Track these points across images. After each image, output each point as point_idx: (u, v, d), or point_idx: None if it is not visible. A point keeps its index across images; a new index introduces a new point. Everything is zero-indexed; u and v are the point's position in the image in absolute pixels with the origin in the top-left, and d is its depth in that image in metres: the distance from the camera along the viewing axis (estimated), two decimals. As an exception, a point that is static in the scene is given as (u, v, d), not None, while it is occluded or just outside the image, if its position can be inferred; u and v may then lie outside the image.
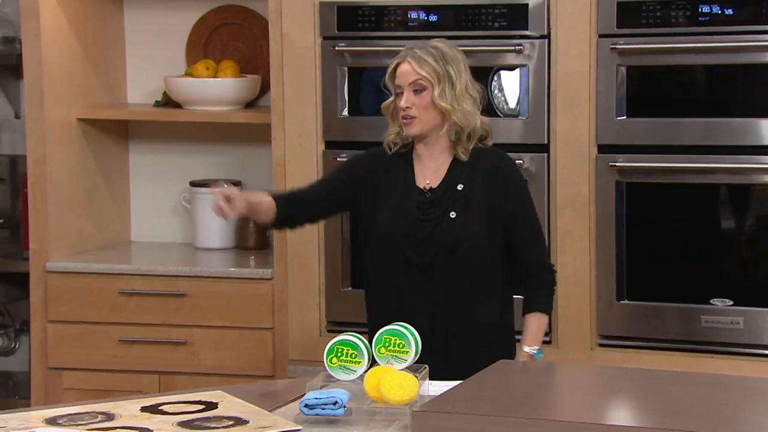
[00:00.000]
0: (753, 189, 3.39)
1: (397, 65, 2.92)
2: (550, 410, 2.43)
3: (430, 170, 2.94)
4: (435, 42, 2.95)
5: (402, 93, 2.90)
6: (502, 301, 2.97)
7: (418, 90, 2.89)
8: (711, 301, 3.39)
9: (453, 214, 2.89)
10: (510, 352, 2.95)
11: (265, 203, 2.96)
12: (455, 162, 2.93)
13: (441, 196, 2.91)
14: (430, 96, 2.88)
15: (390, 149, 2.97)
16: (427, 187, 2.93)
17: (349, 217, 3.44)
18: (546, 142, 3.45)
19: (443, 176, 2.92)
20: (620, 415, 2.44)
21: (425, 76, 2.88)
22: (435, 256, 2.89)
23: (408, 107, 2.88)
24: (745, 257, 3.42)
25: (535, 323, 2.95)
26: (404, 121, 2.91)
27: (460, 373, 2.55)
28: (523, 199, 2.96)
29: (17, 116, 4.39)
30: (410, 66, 2.89)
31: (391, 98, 2.95)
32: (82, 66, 4.01)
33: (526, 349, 2.92)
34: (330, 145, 3.65)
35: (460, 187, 2.91)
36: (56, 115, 3.91)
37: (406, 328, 2.50)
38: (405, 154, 2.97)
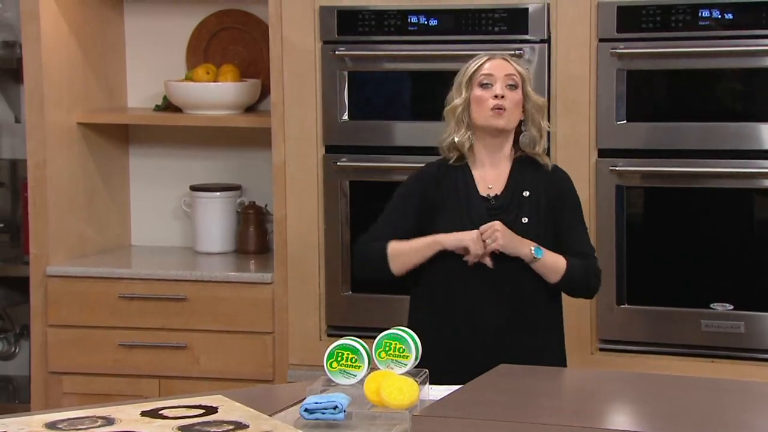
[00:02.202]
0: (753, 193, 3.40)
1: (486, 61, 2.91)
2: (551, 415, 2.43)
3: (491, 177, 2.95)
4: (498, 53, 2.99)
5: (489, 85, 2.90)
6: (559, 306, 3.01)
7: (512, 85, 2.92)
8: (711, 305, 3.40)
9: (525, 220, 2.91)
10: (564, 357, 3.02)
11: None
12: (515, 169, 2.94)
13: (509, 202, 2.91)
14: (521, 93, 2.92)
15: (447, 152, 2.96)
16: (491, 194, 2.93)
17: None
18: (546, 146, 3.42)
19: (506, 183, 2.93)
20: (621, 419, 2.45)
21: (520, 72, 2.94)
22: (509, 264, 2.90)
23: (503, 96, 2.89)
24: (745, 261, 3.42)
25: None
26: (496, 111, 2.90)
27: None
28: (579, 209, 2.99)
29: (17, 120, 4.39)
30: (505, 61, 2.93)
31: (461, 98, 2.92)
32: (83, 70, 4.01)
33: (531, 247, 2.88)
34: (330, 149, 3.65)
35: (526, 193, 2.93)
36: (56, 119, 3.92)
37: (406, 332, 2.49)
38: (461, 166, 2.96)
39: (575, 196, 2.99)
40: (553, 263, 2.90)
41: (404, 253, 2.93)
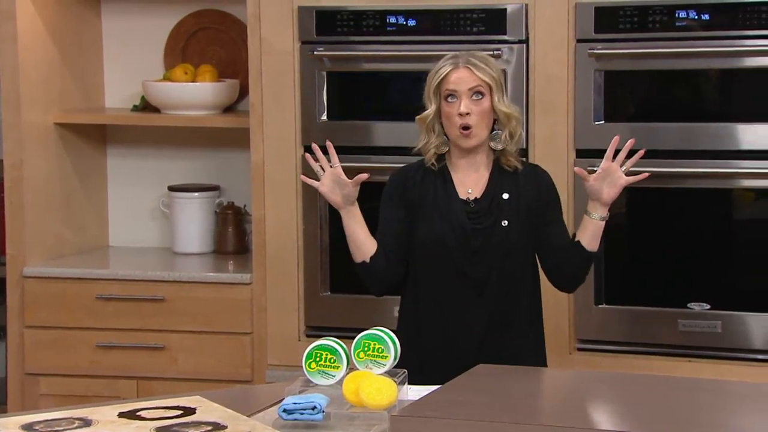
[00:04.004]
0: (730, 193, 3.41)
1: (450, 72, 2.85)
2: (529, 415, 2.43)
3: (470, 181, 2.92)
4: (474, 52, 2.94)
5: (454, 99, 2.85)
6: (539, 306, 2.99)
7: (478, 96, 2.86)
8: (688, 305, 3.40)
9: (505, 223, 2.89)
10: (544, 357, 2.99)
11: (365, 232, 2.89)
12: (495, 171, 2.92)
13: (488, 205, 2.89)
14: (489, 102, 2.86)
15: (434, 165, 2.93)
16: (471, 198, 2.91)
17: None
18: (525, 146, 3.44)
19: (485, 186, 2.91)
20: (599, 419, 2.46)
21: (486, 81, 2.86)
22: (490, 268, 2.88)
23: (468, 113, 2.84)
24: (721, 261, 3.43)
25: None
26: (463, 131, 2.85)
27: None
28: (559, 206, 2.96)
29: (-6, 120, 4.36)
30: (469, 72, 2.85)
31: (431, 109, 2.89)
32: (59, 70, 3.99)
33: (595, 215, 2.85)
34: (309, 150, 3.57)
35: (505, 196, 2.90)
36: (33, 120, 3.89)
37: (384, 332, 2.49)
38: (441, 169, 2.94)
39: (555, 192, 2.97)
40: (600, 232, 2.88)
41: (350, 244, 2.93)
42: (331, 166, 2.91)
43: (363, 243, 2.90)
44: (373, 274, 2.92)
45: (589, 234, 2.87)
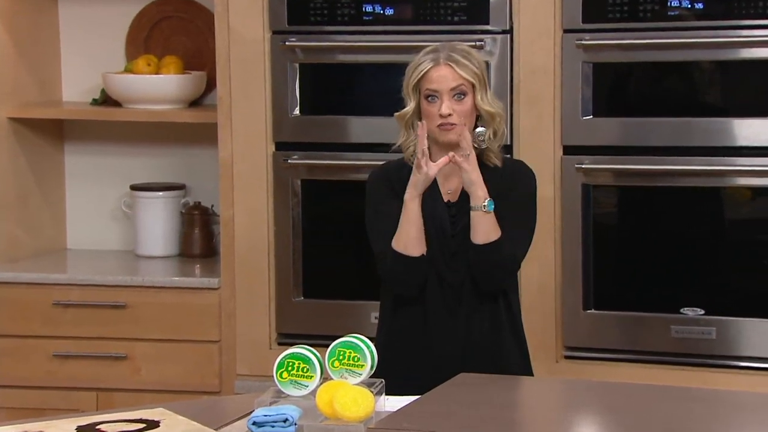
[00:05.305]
0: (725, 192, 3.39)
1: (430, 69, 2.80)
2: (513, 426, 2.39)
3: (450, 181, 2.87)
4: (455, 44, 2.87)
5: (435, 98, 2.80)
6: (519, 312, 2.93)
7: (460, 95, 2.80)
8: (681, 310, 3.38)
9: None
10: (529, 366, 2.95)
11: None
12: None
13: (465, 204, 2.84)
14: (471, 101, 2.82)
15: (404, 152, 2.88)
16: (452, 200, 2.87)
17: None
18: (509, 142, 3.41)
19: (462, 185, 2.85)
20: (587, 430, 2.41)
21: (469, 80, 2.81)
22: (465, 273, 2.83)
23: (450, 114, 2.79)
24: (716, 264, 3.41)
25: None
26: (444, 127, 2.80)
27: None
28: (522, 207, 2.85)
29: (-56, 117, 4.29)
30: (451, 70, 2.80)
31: (411, 106, 2.84)
32: (14, 62, 3.94)
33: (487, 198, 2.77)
34: (280, 146, 3.62)
35: None
36: (-14, 115, 3.90)
37: (360, 340, 2.45)
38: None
39: (523, 193, 2.88)
40: (491, 226, 2.78)
41: (403, 235, 2.80)
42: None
43: (423, 234, 2.82)
44: (425, 268, 2.84)
45: (472, 224, 2.81)
